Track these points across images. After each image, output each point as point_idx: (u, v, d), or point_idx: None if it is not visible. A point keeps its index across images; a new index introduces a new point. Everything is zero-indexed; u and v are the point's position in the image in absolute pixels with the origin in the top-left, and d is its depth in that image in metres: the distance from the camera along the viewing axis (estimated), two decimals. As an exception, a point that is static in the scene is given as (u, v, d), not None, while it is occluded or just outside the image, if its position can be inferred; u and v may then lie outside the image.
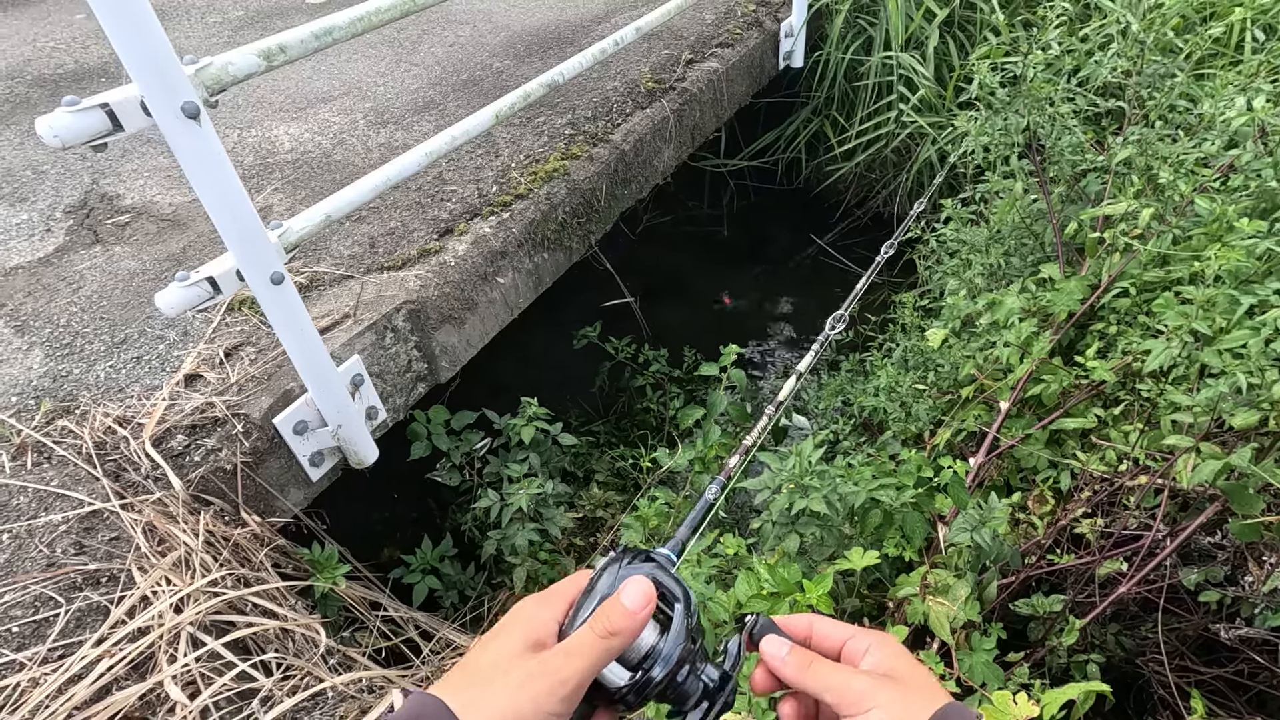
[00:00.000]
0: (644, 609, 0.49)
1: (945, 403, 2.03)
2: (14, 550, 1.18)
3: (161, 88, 1.05)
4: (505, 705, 0.45)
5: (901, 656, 0.53)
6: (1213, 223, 1.55)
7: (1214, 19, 2.47)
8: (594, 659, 0.47)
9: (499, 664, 0.48)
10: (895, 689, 0.50)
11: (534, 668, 0.47)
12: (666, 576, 0.53)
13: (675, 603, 0.52)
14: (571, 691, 0.46)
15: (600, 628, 0.48)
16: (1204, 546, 1.36)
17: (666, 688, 0.51)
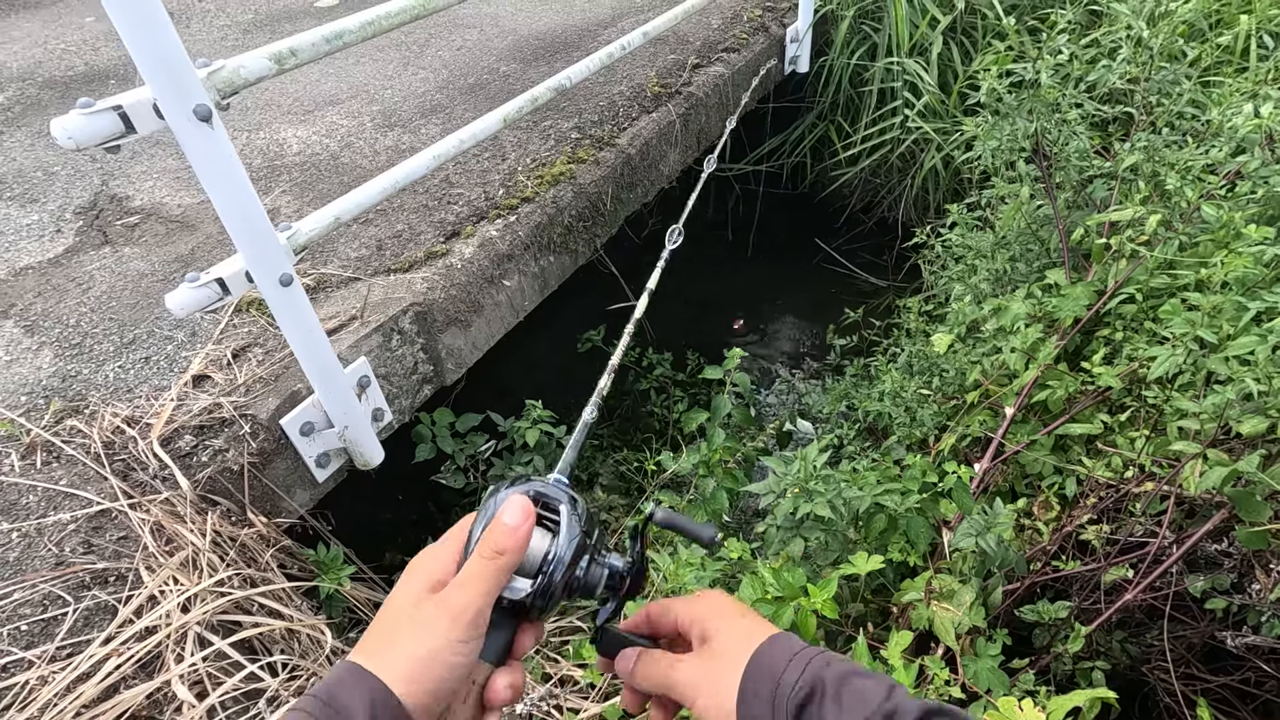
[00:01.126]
0: (524, 523, 0.50)
1: (950, 408, 2.02)
2: (23, 549, 1.18)
3: (174, 90, 1.05)
4: (413, 649, 0.46)
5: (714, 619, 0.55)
6: (1220, 229, 1.55)
7: (1222, 26, 2.48)
8: (487, 582, 0.48)
9: (401, 613, 0.48)
10: (708, 666, 0.52)
11: (432, 608, 0.47)
12: (547, 487, 0.54)
13: (560, 505, 0.53)
14: (473, 618, 0.47)
15: (486, 550, 0.49)
16: (1210, 554, 1.36)
17: (570, 583, 0.52)
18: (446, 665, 0.46)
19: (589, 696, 1.39)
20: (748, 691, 0.50)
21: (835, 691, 0.48)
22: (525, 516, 0.50)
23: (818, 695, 0.48)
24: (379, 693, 0.44)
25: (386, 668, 0.45)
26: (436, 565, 0.50)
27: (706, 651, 0.54)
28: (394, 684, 0.45)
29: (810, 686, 0.48)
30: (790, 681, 0.49)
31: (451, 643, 0.46)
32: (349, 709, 0.43)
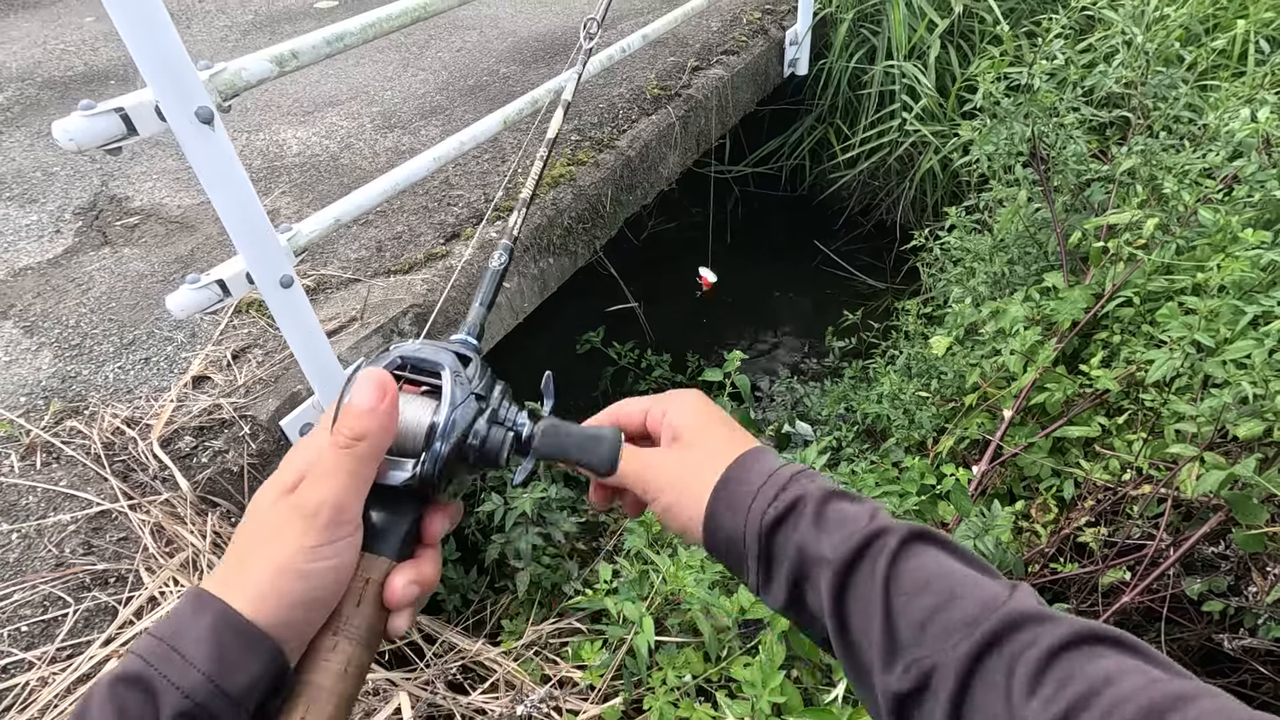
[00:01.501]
0: (378, 400, 0.41)
1: (948, 410, 2.03)
2: (23, 550, 1.18)
3: (176, 92, 1.06)
4: (265, 569, 0.39)
5: (687, 413, 0.50)
6: (1217, 233, 1.56)
7: (1217, 30, 2.49)
8: (344, 475, 0.40)
9: (256, 524, 0.41)
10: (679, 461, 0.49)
11: (284, 512, 0.40)
12: (420, 349, 0.46)
13: (440, 369, 0.45)
14: (330, 518, 0.40)
15: (340, 439, 0.40)
16: (1207, 556, 1.36)
17: (463, 453, 0.45)
18: (306, 575, 0.39)
19: (588, 698, 1.39)
20: (720, 499, 0.46)
21: (816, 510, 0.44)
22: (380, 393, 0.41)
23: (796, 512, 0.44)
24: (223, 617, 0.38)
25: (236, 589, 0.39)
26: (302, 459, 0.43)
27: (679, 448, 0.50)
28: (243, 605, 0.38)
29: (790, 504, 0.45)
30: (769, 495, 0.45)
31: (307, 549, 0.39)
32: (186, 639, 0.37)
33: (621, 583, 1.54)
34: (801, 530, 0.44)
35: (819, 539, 0.43)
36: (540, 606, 1.88)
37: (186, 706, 0.35)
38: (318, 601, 0.40)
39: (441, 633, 1.65)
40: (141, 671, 0.36)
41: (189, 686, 0.36)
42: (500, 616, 1.92)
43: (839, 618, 0.42)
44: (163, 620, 0.39)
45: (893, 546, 0.42)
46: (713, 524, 0.47)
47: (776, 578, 0.45)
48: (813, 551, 0.43)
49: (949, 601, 0.39)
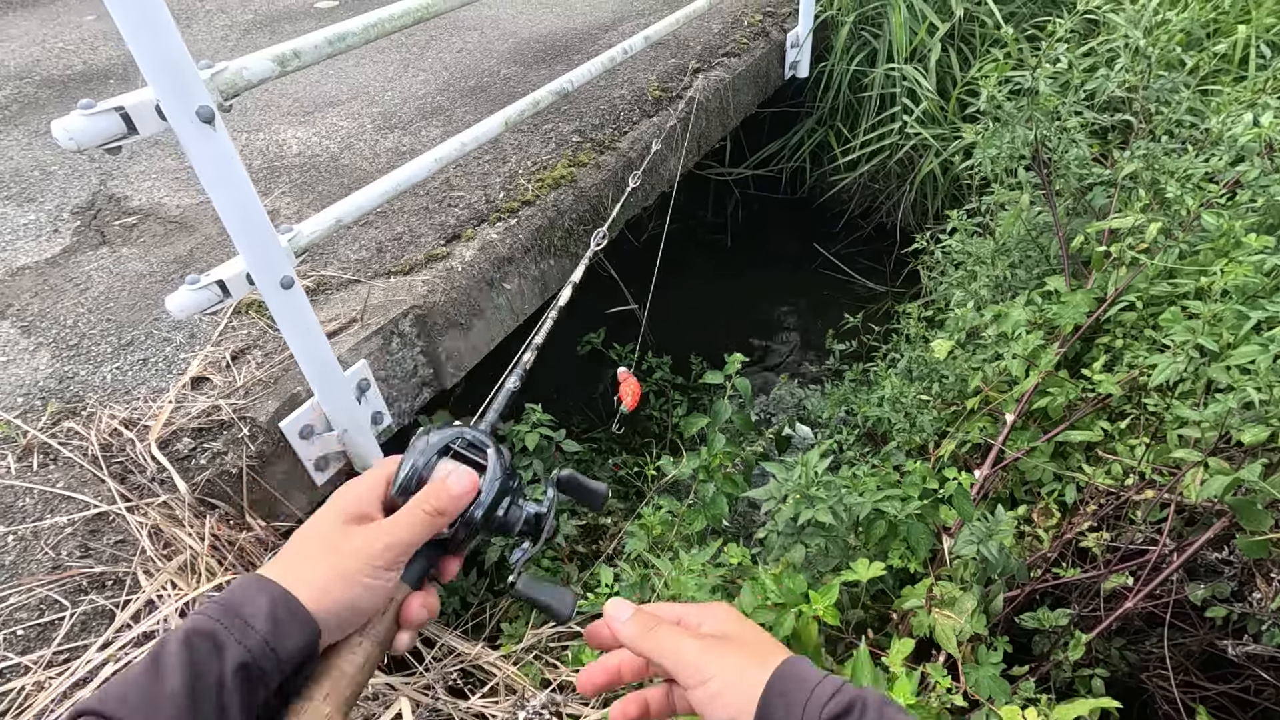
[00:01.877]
0: (468, 494, 0.55)
1: (950, 414, 2.02)
2: (19, 552, 1.17)
3: (177, 92, 1.05)
4: (328, 568, 0.49)
5: (734, 621, 0.54)
6: (1220, 238, 1.56)
7: (1219, 35, 2.49)
8: (418, 533, 0.52)
9: (320, 538, 0.51)
10: (730, 653, 0.50)
11: (358, 538, 0.50)
12: (475, 433, 0.59)
13: (487, 449, 0.58)
14: (397, 557, 0.51)
15: (430, 506, 0.53)
16: (1211, 562, 1.36)
17: (490, 521, 0.57)
18: (362, 585, 0.49)
19: (589, 702, 1.38)
20: (774, 692, 0.47)
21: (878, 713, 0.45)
22: (470, 489, 0.55)
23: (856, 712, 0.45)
24: (280, 596, 0.46)
25: (299, 581, 0.47)
26: (360, 499, 0.53)
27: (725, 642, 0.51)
28: (299, 590, 0.47)
29: (848, 704, 0.46)
30: (827, 693, 0.46)
31: (373, 569, 0.49)
32: (248, 608, 0.45)
33: (622, 586, 1.53)
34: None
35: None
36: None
37: (246, 659, 0.43)
38: (363, 611, 0.50)
39: (440, 636, 1.64)
40: (212, 628, 0.44)
41: (251, 644, 0.44)
42: (499, 620, 1.91)
43: None
44: (225, 592, 0.47)
45: None
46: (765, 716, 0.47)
47: None
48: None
49: None
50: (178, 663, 0.42)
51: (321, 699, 0.47)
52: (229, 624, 0.44)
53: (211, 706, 0.42)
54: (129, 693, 0.41)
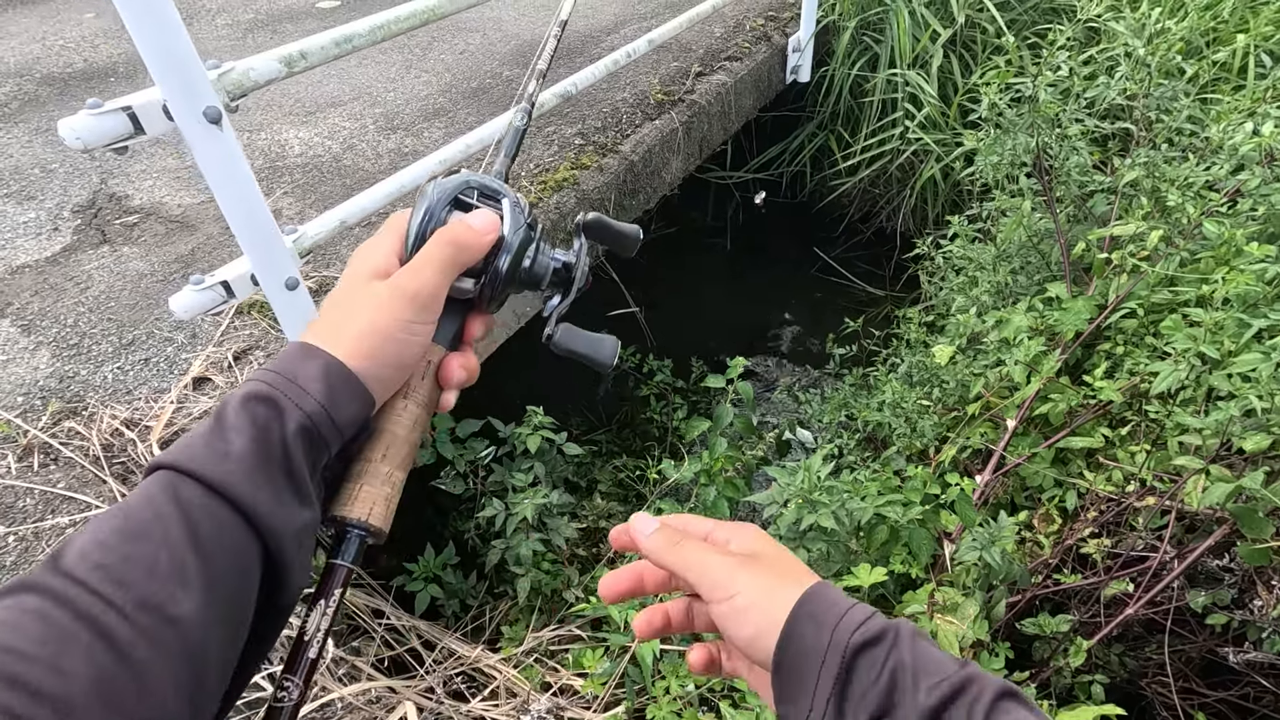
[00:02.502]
0: (490, 232, 0.51)
1: (950, 419, 2.03)
2: (20, 553, 1.17)
3: (184, 92, 1.05)
4: (363, 325, 0.47)
5: (764, 541, 0.51)
6: (1221, 246, 1.57)
7: (1218, 43, 2.51)
8: (442, 271, 0.49)
9: (349, 299, 0.49)
10: (759, 571, 0.48)
11: (383, 289, 0.48)
12: (488, 178, 0.54)
13: (502, 198, 0.54)
14: (426, 301, 0.49)
15: (446, 241, 0.50)
16: (1211, 569, 1.36)
17: (516, 272, 0.53)
18: (399, 342, 0.48)
19: (591, 706, 1.38)
20: (803, 612, 0.45)
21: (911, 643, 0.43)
22: (491, 228, 0.52)
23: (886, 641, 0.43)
24: (331, 362, 0.45)
25: (338, 344, 0.46)
26: (377, 256, 0.51)
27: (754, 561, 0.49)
28: (347, 358, 0.46)
29: (880, 631, 0.43)
30: (858, 619, 0.44)
31: (404, 322, 0.48)
32: (302, 375, 0.44)
33: (624, 590, 1.52)
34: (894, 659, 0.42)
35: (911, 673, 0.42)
36: (540, 613, 1.87)
37: (306, 423, 0.43)
38: (404, 366, 0.49)
39: (441, 639, 1.64)
40: (269, 393, 0.43)
41: (309, 409, 0.43)
42: (500, 623, 1.90)
43: None
44: (273, 362, 0.46)
45: (989, 697, 0.40)
46: (791, 635, 0.45)
47: (848, 709, 0.42)
48: (902, 683, 0.41)
49: None
50: (241, 423, 0.41)
51: (379, 459, 0.48)
52: (287, 389, 0.44)
53: (278, 462, 0.42)
54: (197, 451, 0.41)
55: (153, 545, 0.37)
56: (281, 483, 0.42)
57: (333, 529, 0.48)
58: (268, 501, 0.41)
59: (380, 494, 0.48)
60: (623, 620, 1.47)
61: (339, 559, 0.47)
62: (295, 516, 0.42)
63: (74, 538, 0.37)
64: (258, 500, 0.40)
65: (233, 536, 0.39)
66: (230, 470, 0.40)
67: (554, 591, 1.89)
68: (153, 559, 0.36)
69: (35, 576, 0.35)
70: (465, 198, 0.53)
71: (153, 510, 0.38)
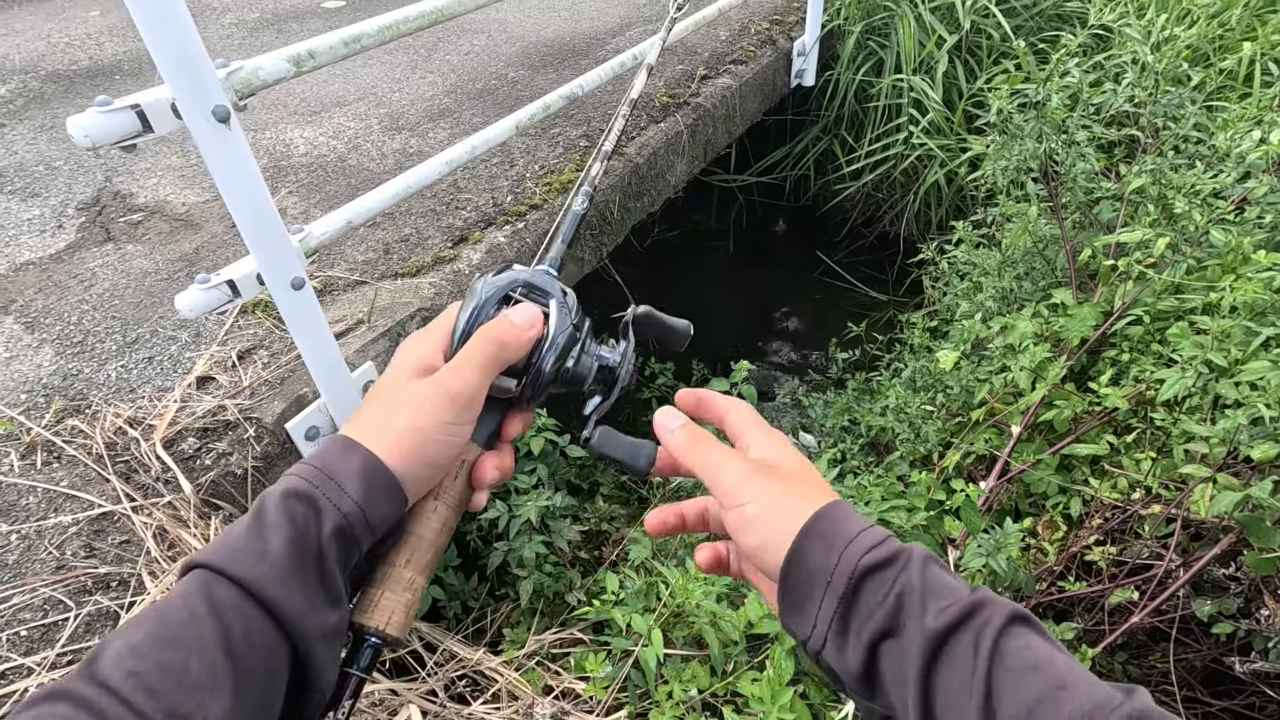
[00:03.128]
0: (531, 328, 0.51)
1: (954, 425, 2.03)
2: (23, 551, 1.16)
3: (193, 90, 1.04)
4: (404, 425, 0.47)
5: (787, 451, 0.50)
6: (1228, 254, 1.57)
7: (1225, 51, 2.51)
8: (483, 372, 0.49)
9: (391, 394, 0.49)
10: (774, 481, 0.47)
11: (425, 388, 0.48)
12: (538, 275, 0.54)
13: (550, 297, 0.53)
14: (467, 401, 0.48)
15: (488, 340, 0.50)
16: (1217, 578, 1.36)
17: (560, 374, 0.53)
18: (437, 443, 0.48)
19: (593, 710, 1.38)
20: (813, 530, 0.44)
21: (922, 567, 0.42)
22: (533, 323, 0.51)
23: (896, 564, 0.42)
24: (370, 460, 0.46)
25: (378, 441, 0.46)
26: (424, 351, 0.51)
27: (774, 470, 0.48)
28: (385, 455, 0.46)
29: (891, 555, 0.42)
30: (869, 541, 0.43)
31: (444, 424, 0.48)
32: (341, 473, 0.45)
33: (627, 593, 1.52)
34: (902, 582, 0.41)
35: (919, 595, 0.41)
36: (542, 616, 1.86)
37: (342, 524, 0.44)
38: (440, 466, 0.49)
39: (442, 641, 1.63)
40: (309, 491, 0.44)
41: (346, 509, 0.44)
42: (501, 625, 1.90)
43: (925, 686, 0.39)
44: (315, 455, 0.46)
45: (999, 621, 0.39)
46: (800, 551, 0.44)
47: (852, 628, 0.42)
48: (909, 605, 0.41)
49: (1058, 693, 0.36)
50: (279, 520, 0.42)
51: (403, 564, 0.48)
52: (326, 489, 0.44)
53: (312, 565, 0.42)
54: (235, 550, 0.41)
55: (185, 651, 0.37)
56: (314, 585, 0.42)
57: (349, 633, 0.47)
58: (299, 604, 0.41)
59: (400, 601, 0.48)
60: (625, 623, 1.46)
61: (353, 667, 0.46)
62: (325, 619, 0.42)
63: (111, 639, 0.38)
64: (289, 602, 0.40)
65: (263, 638, 0.40)
66: (265, 572, 0.40)
67: (556, 594, 1.89)
68: (184, 665, 0.37)
69: (69, 683, 0.36)
70: (514, 295, 0.53)
71: (188, 612, 0.39)
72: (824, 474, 1.51)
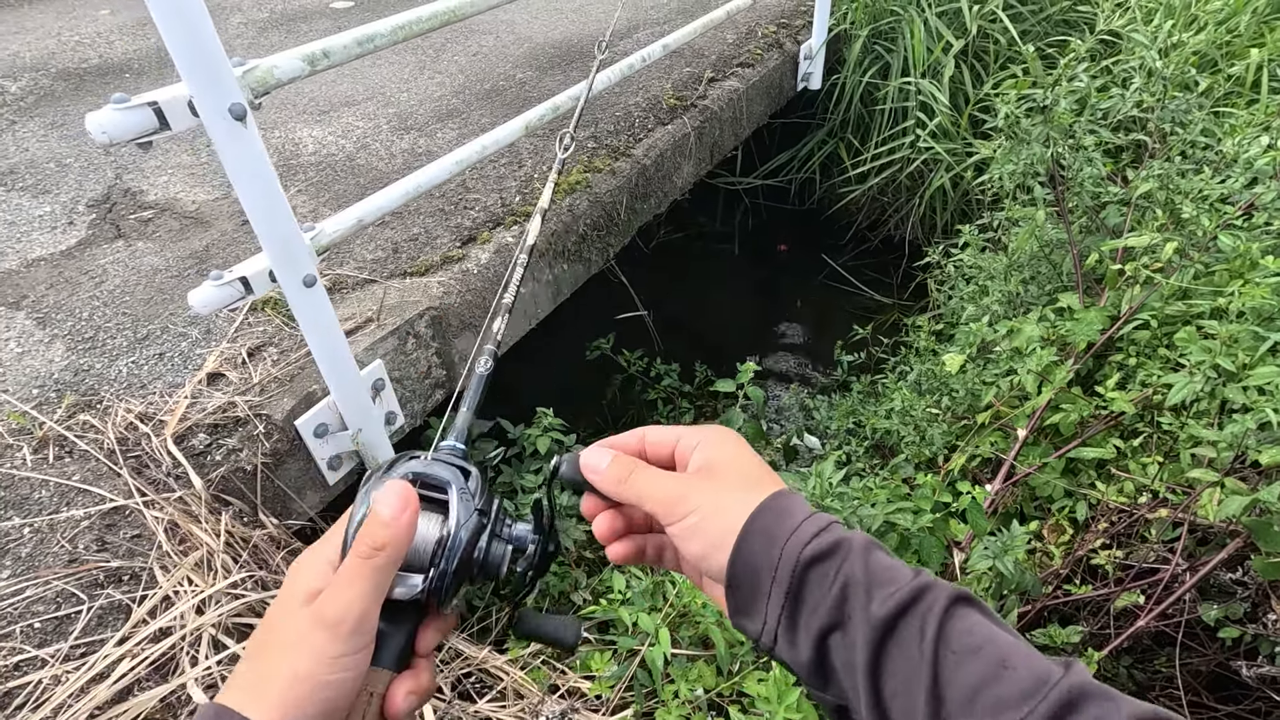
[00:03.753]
0: (403, 513, 0.44)
1: (959, 428, 2.03)
2: (35, 544, 1.17)
3: (210, 88, 1.05)
4: (286, 678, 0.40)
5: (725, 445, 0.48)
6: (1236, 259, 1.57)
7: (1232, 58, 2.51)
8: (365, 585, 0.42)
9: (274, 631, 0.43)
10: (712, 486, 0.46)
11: (305, 622, 0.42)
12: (430, 465, 0.48)
13: (448, 486, 0.47)
14: (353, 627, 0.41)
15: (362, 549, 0.43)
16: (1224, 582, 1.36)
17: (466, 568, 0.47)
18: (326, 685, 0.41)
19: (599, 709, 1.38)
20: (755, 525, 0.43)
21: (863, 555, 0.42)
22: (404, 505, 0.44)
23: (839, 554, 0.42)
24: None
25: (259, 701, 0.40)
26: (314, 571, 0.45)
27: (710, 474, 0.47)
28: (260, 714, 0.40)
29: (832, 545, 0.42)
30: (810, 532, 0.42)
31: (329, 660, 0.41)
32: None
33: (634, 593, 1.52)
34: (845, 572, 0.41)
35: (863, 585, 0.41)
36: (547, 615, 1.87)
37: None
38: (335, 712, 0.41)
39: (448, 639, 1.64)
40: None
41: None
42: (505, 625, 1.90)
43: (874, 674, 0.39)
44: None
45: (942, 605, 0.40)
46: (742, 550, 0.44)
47: (800, 622, 0.42)
48: (854, 596, 0.41)
49: (1001, 671, 0.37)
50: None
51: None
52: None
53: None
54: None
55: None
56: None
57: None
58: None
59: None
60: (632, 622, 1.46)
61: None
62: None
63: None
64: None
65: None
66: None
67: (561, 594, 1.89)
68: None
69: None
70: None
71: None
72: (829, 476, 1.51)
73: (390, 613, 0.44)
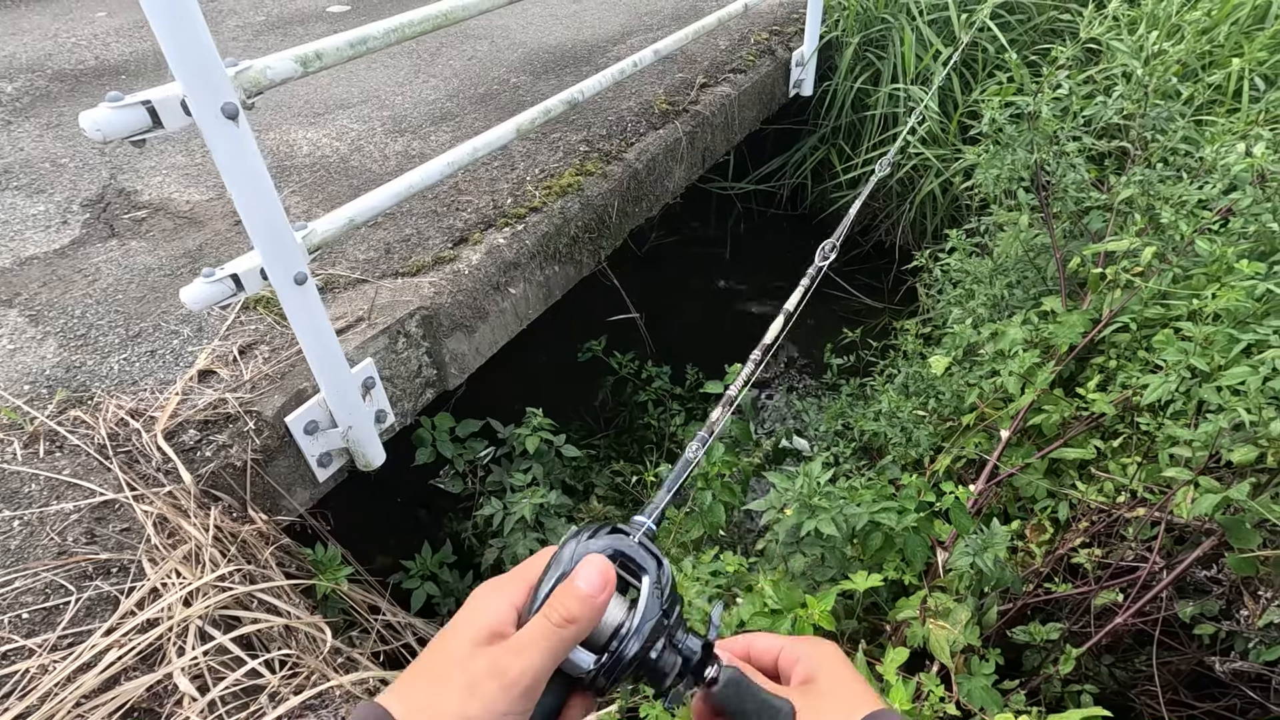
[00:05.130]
0: (601, 592, 0.45)
1: (945, 429, 2.05)
2: (25, 537, 1.18)
3: (203, 88, 1.07)
4: (454, 710, 0.42)
5: (826, 663, 0.51)
6: (1213, 263, 1.60)
7: (1213, 67, 2.55)
8: (548, 652, 0.44)
9: (451, 662, 0.44)
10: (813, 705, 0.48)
11: (484, 666, 0.43)
12: (632, 547, 0.48)
13: (643, 574, 0.47)
14: (526, 689, 0.43)
15: (555, 616, 0.44)
16: (1200, 580, 1.38)
17: (639, 666, 0.47)
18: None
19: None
20: None
21: None
22: (603, 585, 0.45)
23: None
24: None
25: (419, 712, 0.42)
26: (496, 611, 0.46)
27: (813, 690, 0.49)
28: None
29: None
30: None
31: (496, 714, 0.42)
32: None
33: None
34: None
35: None
36: (535, 613, 1.88)
37: None
38: None
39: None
40: None
41: None
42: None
43: None
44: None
45: None
46: None
47: None
48: None
49: None
50: None
51: None
52: None
53: None
54: None
55: None
56: None
57: None
58: None
59: None
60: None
61: None
62: None
63: None
64: None
65: None
66: None
67: (550, 592, 1.90)
68: None
69: None
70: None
71: None
72: (817, 477, 1.53)
73: (552, 680, 0.45)
